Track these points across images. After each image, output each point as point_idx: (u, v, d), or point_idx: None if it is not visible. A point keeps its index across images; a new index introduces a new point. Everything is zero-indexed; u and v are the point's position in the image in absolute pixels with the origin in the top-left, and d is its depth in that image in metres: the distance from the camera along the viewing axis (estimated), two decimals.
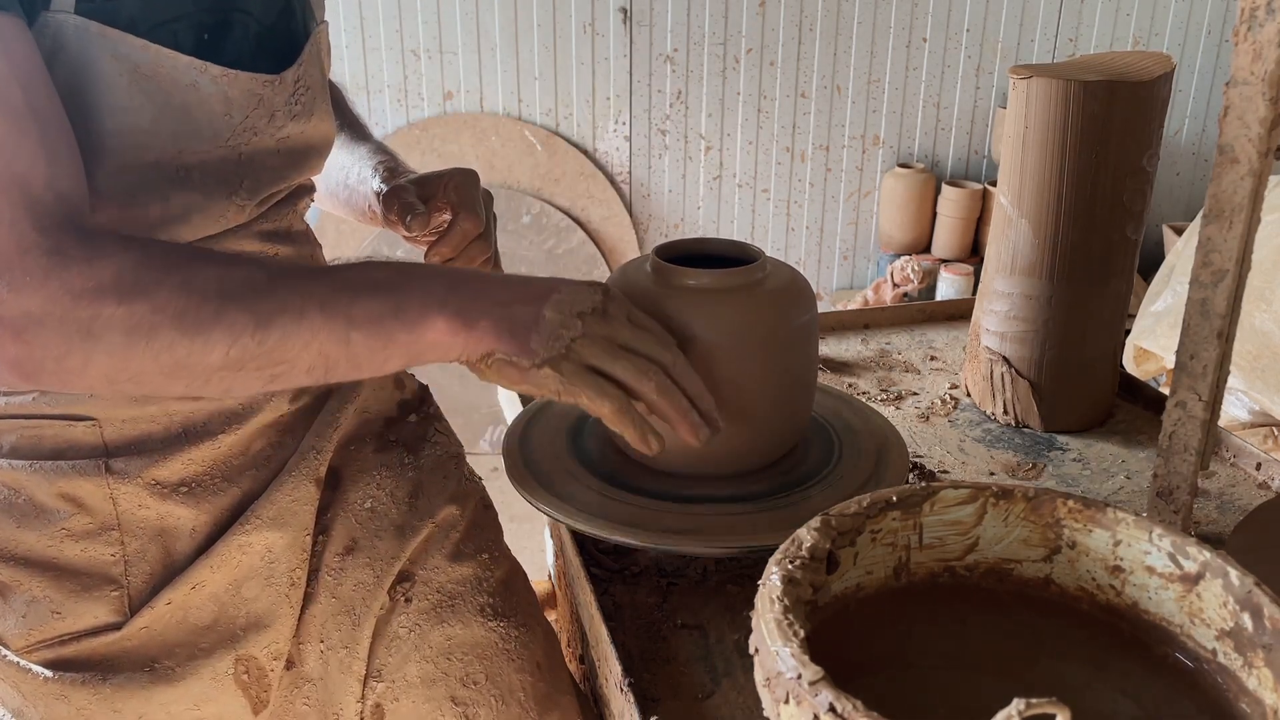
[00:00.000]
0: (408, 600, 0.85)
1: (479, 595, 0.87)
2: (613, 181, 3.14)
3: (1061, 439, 1.10)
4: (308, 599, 0.83)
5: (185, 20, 0.68)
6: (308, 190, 0.87)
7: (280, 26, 0.77)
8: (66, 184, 0.61)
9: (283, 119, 0.77)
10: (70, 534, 0.74)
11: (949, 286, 3.05)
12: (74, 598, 0.74)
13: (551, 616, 1.28)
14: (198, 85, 0.69)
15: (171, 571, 0.77)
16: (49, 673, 0.73)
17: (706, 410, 0.73)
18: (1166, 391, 0.88)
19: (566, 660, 0.98)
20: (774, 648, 0.49)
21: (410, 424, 0.94)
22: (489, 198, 0.95)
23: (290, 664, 0.83)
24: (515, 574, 0.93)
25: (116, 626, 0.75)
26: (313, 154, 0.83)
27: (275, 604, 0.80)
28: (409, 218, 0.88)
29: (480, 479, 0.97)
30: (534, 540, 1.79)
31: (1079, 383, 1.10)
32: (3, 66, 0.59)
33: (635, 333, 0.71)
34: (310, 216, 0.91)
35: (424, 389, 0.98)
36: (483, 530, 0.92)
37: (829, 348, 1.32)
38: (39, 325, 0.58)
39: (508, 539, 0.96)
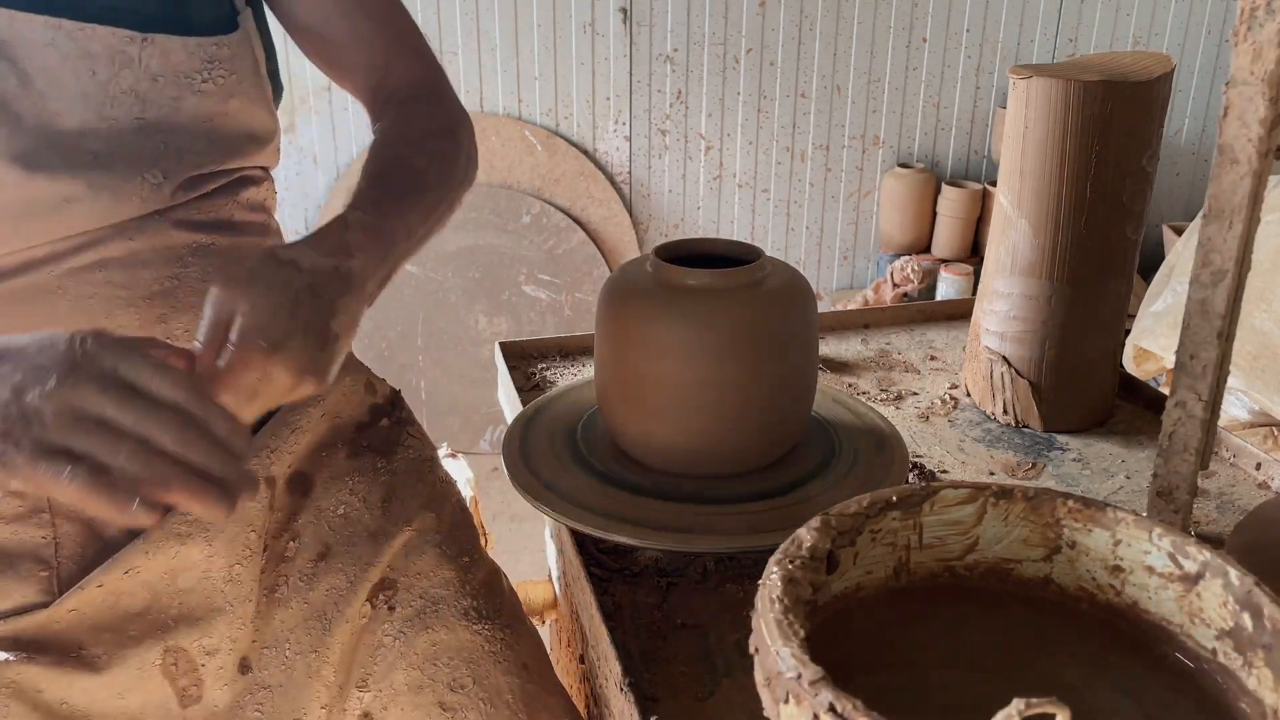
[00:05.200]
0: (391, 608, 0.85)
1: (462, 598, 0.87)
2: (613, 181, 3.14)
3: (1061, 439, 1.10)
4: (278, 604, 0.82)
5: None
6: (253, 181, 0.86)
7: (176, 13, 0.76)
8: None
9: (176, 89, 0.75)
10: (1, 517, 0.74)
11: (949, 286, 3.05)
12: (1, 578, 0.74)
13: (551, 616, 1.28)
14: (55, 43, 0.70)
15: (103, 554, 0.76)
16: None
17: (223, 476, 0.59)
18: (1166, 391, 0.88)
19: (566, 660, 0.97)
20: (774, 648, 0.49)
21: (382, 429, 0.93)
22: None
23: (246, 668, 0.81)
24: (495, 575, 0.93)
25: (44, 605, 0.74)
26: (246, 141, 0.81)
27: (211, 597, 0.79)
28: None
29: (454, 481, 0.97)
30: (534, 540, 1.79)
31: (1079, 383, 1.10)
32: None
33: (111, 399, 0.58)
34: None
35: (396, 394, 0.97)
36: (461, 532, 0.92)
37: (829, 348, 1.32)
38: None
39: (508, 539, 0.96)
